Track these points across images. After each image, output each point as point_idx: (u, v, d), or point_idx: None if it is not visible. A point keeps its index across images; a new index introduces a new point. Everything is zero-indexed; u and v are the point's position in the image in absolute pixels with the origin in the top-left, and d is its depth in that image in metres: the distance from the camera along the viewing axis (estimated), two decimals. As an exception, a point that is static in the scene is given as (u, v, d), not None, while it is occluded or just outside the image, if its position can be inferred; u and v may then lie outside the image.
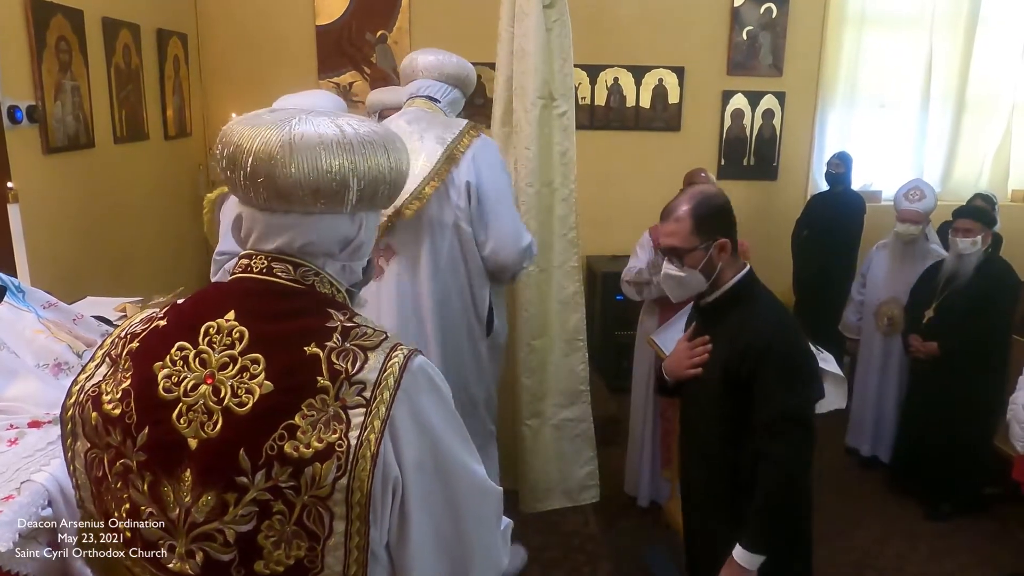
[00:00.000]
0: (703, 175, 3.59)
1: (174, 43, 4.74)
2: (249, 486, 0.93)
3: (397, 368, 0.97)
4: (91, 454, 1.02)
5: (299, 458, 0.92)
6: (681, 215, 1.93)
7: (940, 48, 5.50)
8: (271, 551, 0.94)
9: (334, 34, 5.21)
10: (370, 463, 0.93)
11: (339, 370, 0.96)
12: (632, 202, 5.21)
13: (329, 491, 0.93)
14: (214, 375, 0.97)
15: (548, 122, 3.03)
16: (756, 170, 5.60)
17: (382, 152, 1.02)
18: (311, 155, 0.96)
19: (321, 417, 0.94)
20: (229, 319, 0.99)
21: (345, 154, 0.98)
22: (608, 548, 3.34)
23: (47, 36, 3.34)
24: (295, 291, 1.03)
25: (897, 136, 5.66)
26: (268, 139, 0.96)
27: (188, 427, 0.96)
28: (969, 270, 3.65)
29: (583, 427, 3.26)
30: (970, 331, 3.62)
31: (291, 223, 1.02)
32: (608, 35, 5.27)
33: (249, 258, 1.05)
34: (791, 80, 5.50)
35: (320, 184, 0.97)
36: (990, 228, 3.67)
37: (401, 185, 1.07)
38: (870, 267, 4.29)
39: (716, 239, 1.92)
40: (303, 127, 0.98)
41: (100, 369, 1.04)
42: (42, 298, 1.89)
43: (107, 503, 1.02)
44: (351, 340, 0.99)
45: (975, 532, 3.61)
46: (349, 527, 0.94)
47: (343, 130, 1.00)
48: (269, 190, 0.98)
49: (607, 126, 5.46)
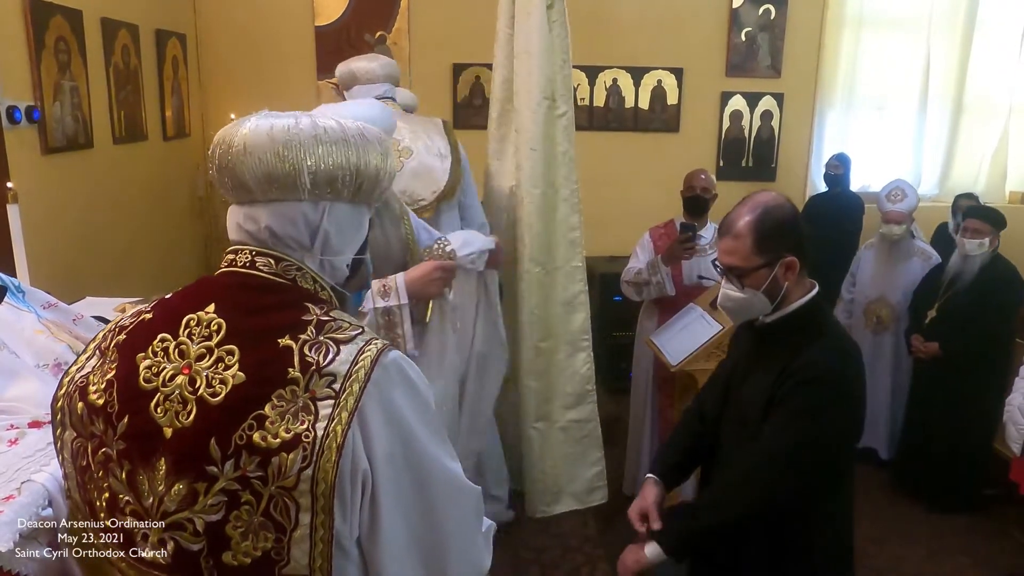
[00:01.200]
0: (702, 176, 3.59)
1: (173, 44, 4.74)
2: (219, 475, 0.94)
3: (368, 361, 0.99)
4: (76, 443, 1.05)
5: (266, 448, 0.94)
6: (741, 230, 1.70)
7: (938, 50, 5.52)
8: (239, 542, 0.95)
9: (333, 35, 5.22)
10: (335, 454, 0.94)
11: (310, 362, 0.97)
12: (631, 203, 5.22)
13: (295, 482, 0.94)
14: (191, 366, 0.99)
15: (551, 123, 3.03)
16: (754, 171, 5.61)
17: (339, 142, 1.05)
18: (260, 144, 1.02)
19: (290, 408, 0.95)
20: (209, 311, 1.02)
21: (293, 142, 1.02)
22: (607, 549, 3.34)
23: (46, 37, 3.34)
24: (275, 285, 1.05)
25: (895, 137, 5.68)
26: (231, 133, 1.03)
27: (164, 416, 0.98)
28: (974, 271, 3.65)
29: (590, 427, 3.25)
30: (973, 332, 3.63)
31: (255, 212, 1.06)
32: (607, 36, 5.27)
33: (235, 253, 1.08)
34: (789, 81, 5.51)
35: (271, 170, 1.02)
36: (999, 231, 3.67)
37: (372, 177, 1.09)
38: (859, 266, 4.32)
39: (782, 257, 1.69)
40: (260, 121, 1.04)
41: (90, 361, 1.07)
42: (42, 298, 1.89)
43: (90, 492, 1.04)
44: (325, 333, 1.01)
45: (973, 533, 3.61)
46: (314, 519, 0.95)
47: (298, 121, 1.04)
48: (233, 180, 1.04)
49: (606, 127, 5.47)
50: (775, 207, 1.72)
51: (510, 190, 3.18)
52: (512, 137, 3.13)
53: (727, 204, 4.28)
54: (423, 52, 5.27)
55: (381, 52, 5.24)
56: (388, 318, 2.01)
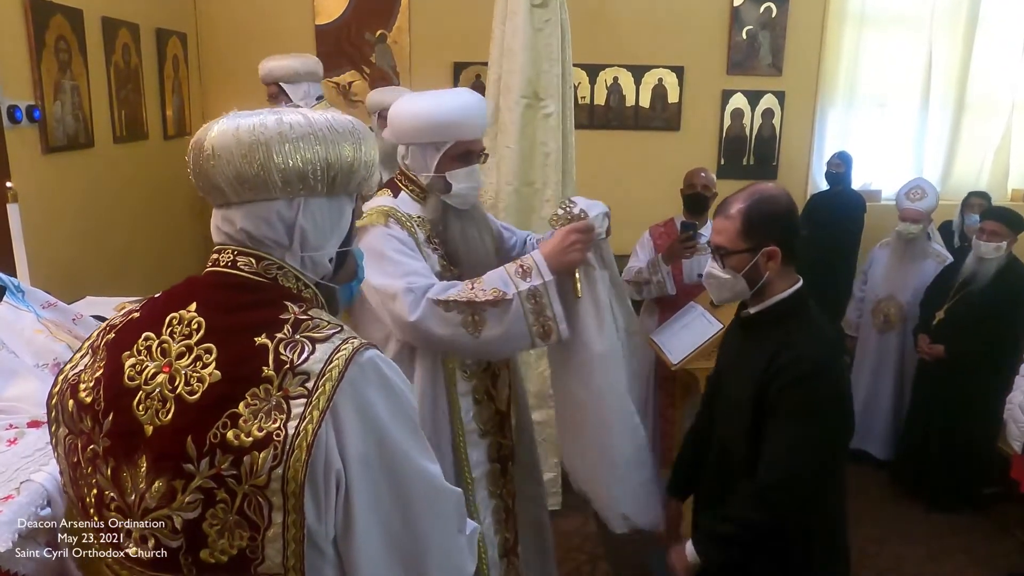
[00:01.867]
0: (703, 174, 3.59)
1: (173, 43, 4.74)
2: (195, 473, 0.95)
3: (343, 360, 0.99)
4: (69, 440, 1.06)
5: (239, 446, 0.94)
6: (732, 213, 1.77)
7: (940, 48, 5.50)
8: (215, 540, 0.96)
9: (333, 34, 5.21)
10: (305, 453, 0.94)
11: (284, 360, 0.97)
12: (631, 202, 5.19)
13: (266, 480, 0.94)
14: (171, 364, 1.00)
15: (532, 122, 3.02)
16: (756, 170, 5.60)
17: (307, 138, 1.04)
18: (226, 147, 1.01)
19: (264, 406, 0.95)
20: (191, 310, 1.03)
21: (258, 142, 1.01)
22: (607, 548, 3.34)
23: (46, 36, 3.34)
24: (255, 284, 1.06)
25: (897, 136, 5.66)
26: (201, 137, 1.03)
27: (145, 414, 0.98)
28: (988, 274, 3.59)
29: (548, 432, 3.23)
30: (980, 335, 3.59)
31: (231, 214, 1.06)
32: (607, 35, 5.27)
33: (218, 252, 1.08)
34: (791, 80, 5.49)
35: (240, 172, 1.02)
36: (1016, 233, 3.61)
37: (346, 170, 1.08)
38: (871, 265, 4.31)
39: (765, 245, 1.75)
40: (226, 123, 1.03)
41: (84, 359, 1.09)
42: (41, 298, 1.89)
43: (80, 488, 1.05)
44: (301, 332, 1.01)
45: (974, 532, 3.61)
46: (286, 518, 0.95)
47: (264, 120, 1.03)
48: (205, 184, 1.05)
49: (607, 125, 5.46)
50: (769, 198, 1.78)
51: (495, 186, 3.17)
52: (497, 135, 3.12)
53: (728, 203, 4.22)
54: (423, 51, 5.26)
55: (381, 51, 5.26)
56: (535, 301, 1.79)
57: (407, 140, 1.98)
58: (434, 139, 1.92)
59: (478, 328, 1.78)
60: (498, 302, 1.77)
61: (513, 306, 1.78)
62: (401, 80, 5.23)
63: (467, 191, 1.98)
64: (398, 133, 1.98)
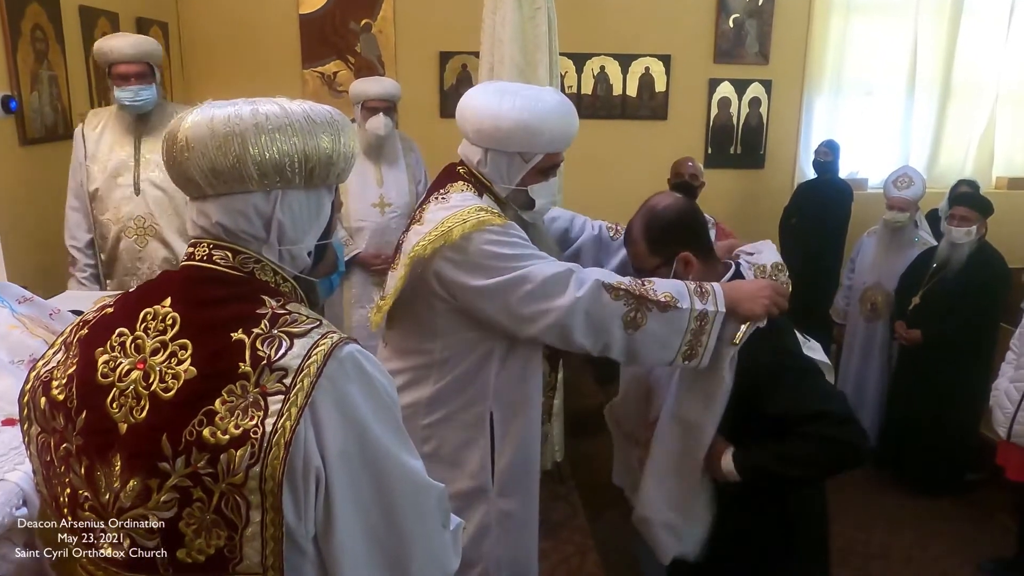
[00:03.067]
0: (690, 164, 3.58)
1: (155, 32, 4.66)
2: (171, 472, 0.93)
3: (321, 355, 0.96)
4: (41, 438, 1.04)
5: (216, 444, 0.92)
6: (635, 237, 1.83)
7: (925, 35, 5.51)
8: (192, 539, 0.94)
9: (318, 23, 5.15)
10: (283, 451, 0.92)
11: (261, 356, 0.95)
12: (619, 191, 5.16)
13: (243, 479, 0.92)
14: (146, 360, 0.97)
15: None
16: (743, 158, 5.60)
17: (283, 129, 1.01)
18: (200, 138, 0.99)
19: (240, 403, 0.93)
20: (165, 305, 1.01)
21: (233, 133, 0.99)
22: (596, 539, 3.34)
23: (21, 25, 3.28)
24: (231, 278, 1.03)
25: (883, 123, 5.67)
26: (175, 128, 1.01)
27: (119, 412, 0.96)
28: (961, 259, 3.65)
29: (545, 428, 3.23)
30: (955, 319, 3.63)
31: (206, 207, 1.03)
32: (594, 23, 5.23)
33: (193, 246, 1.06)
34: (778, 68, 5.48)
35: (214, 164, 0.99)
36: (986, 217, 3.67)
37: (324, 161, 1.05)
38: (859, 253, 4.32)
39: (676, 253, 1.79)
40: (199, 115, 1.01)
41: (56, 356, 1.06)
42: (17, 292, 1.85)
43: (54, 487, 1.04)
44: (279, 327, 0.98)
45: (959, 517, 3.63)
46: (264, 517, 0.94)
47: (238, 110, 1.01)
48: (179, 177, 1.02)
49: (593, 115, 5.43)
50: (662, 209, 1.81)
51: None
52: None
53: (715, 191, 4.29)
54: (409, 40, 5.21)
55: (366, 41, 5.21)
56: (700, 323, 1.70)
57: (491, 145, 1.77)
58: (525, 149, 1.76)
59: (636, 325, 1.69)
60: (668, 307, 1.68)
61: (681, 317, 1.69)
62: (386, 70, 5.18)
63: (545, 207, 1.90)
64: (479, 136, 1.77)
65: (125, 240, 3.03)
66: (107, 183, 3.01)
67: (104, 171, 2.99)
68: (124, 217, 3.02)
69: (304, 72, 5.19)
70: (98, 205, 3.02)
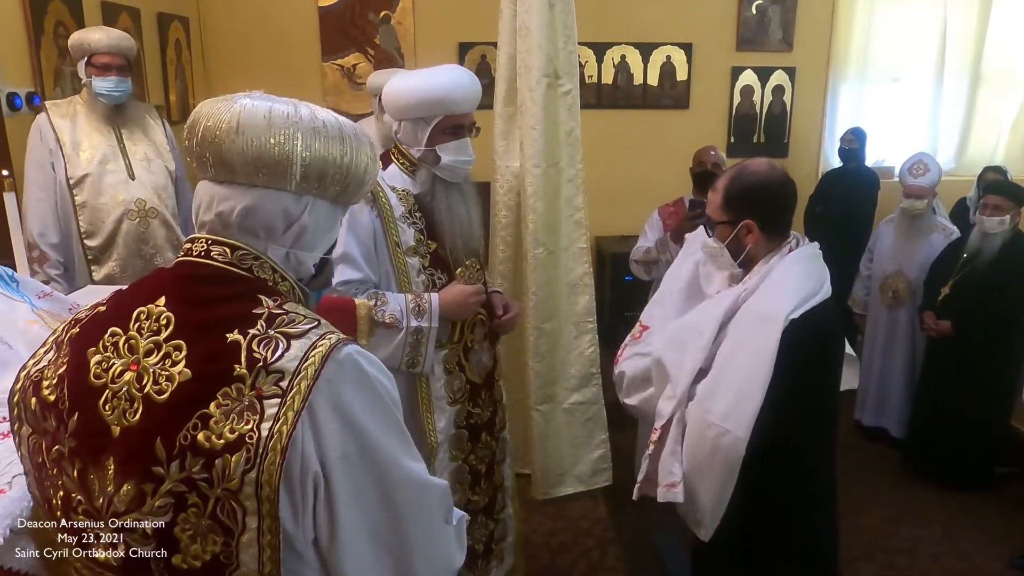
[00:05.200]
0: (712, 153, 3.52)
1: (175, 27, 4.69)
2: (165, 476, 0.91)
3: (319, 357, 0.94)
4: (32, 439, 1.02)
5: (210, 449, 0.90)
6: (718, 186, 1.86)
7: (955, 19, 5.38)
8: (188, 545, 0.92)
9: (337, 15, 5.15)
10: (280, 456, 0.90)
11: (257, 358, 0.93)
12: (640, 181, 5.14)
13: (239, 484, 0.90)
14: (139, 361, 0.95)
15: (553, 101, 2.98)
16: (766, 147, 5.51)
17: (335, 138, 1.02)
18: (256, 125, 0.97)
19: (236, 407, 0.91)
20: (159, 304, 0.98)
21: (291, 128, 0.98)
22: (617, 532, 3.32)
23: (45, 22, 3.31)
24: (228, 276, 1.01)
25: (911, 111, 5.56)
26: (221, 109, 0.99)
27: (112, 414, 0.95)
28: (994, 249, 3.56)
29: (594, 410, 3.24)
30: (987, 311, 3.55)
31: (233, 193, 1.01)
32: (614, 12, 5.18)
33: (192, 242, 1.04)
34: (802, 55, 5.39)
35: (262, 154, 0.98)
36: (1020, 206, 3.57)
37: (357, 179, 1.06)
38: (877, 241, 4.26)
39: (742, 219, 1.81)
40: (257, 102, 0.99)
41: (47, 355, 1.04)
42: (37, 288, 1.87)
43: (47, 489, 1.02)
44: (276, 327, 0.96)
45: (988, 512, 3.56)
46: (261, 523, 0.92)
47: (297, 109, 1.00)
48: (215, 157, 0.99)
49: (614, 104, 5.38)
50: (751, 173, 1.83)
51: (517, 170, 3.14)
52: (518, 116, 3.08)
53: (737, 181, 4.15)
54: (428, 31, 5.19)
55: (385, 32, 5.19)
56: (416, 337, 2.04)
57: (399, 116, 2.08)
58: (424, 114, 2.03)
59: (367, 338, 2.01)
60: (391, 327, 2.00)
61: (399, 336, 2.01)
62: (406, 61, 5.17)
63: (456, 163, 2.08)
64: (391, 109, 2.09)
65: (128, 223, 3.03)
66: (97, 169, 2.97)
67: (92, 159, 2.96)
68: (125, 200, 3.02)
69: (324, 64, 5.20)
70: (90, 190, 2.96)
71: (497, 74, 3.23)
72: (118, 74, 2.95)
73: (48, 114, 2.95)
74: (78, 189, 2.96)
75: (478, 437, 2.26)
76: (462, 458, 2.24)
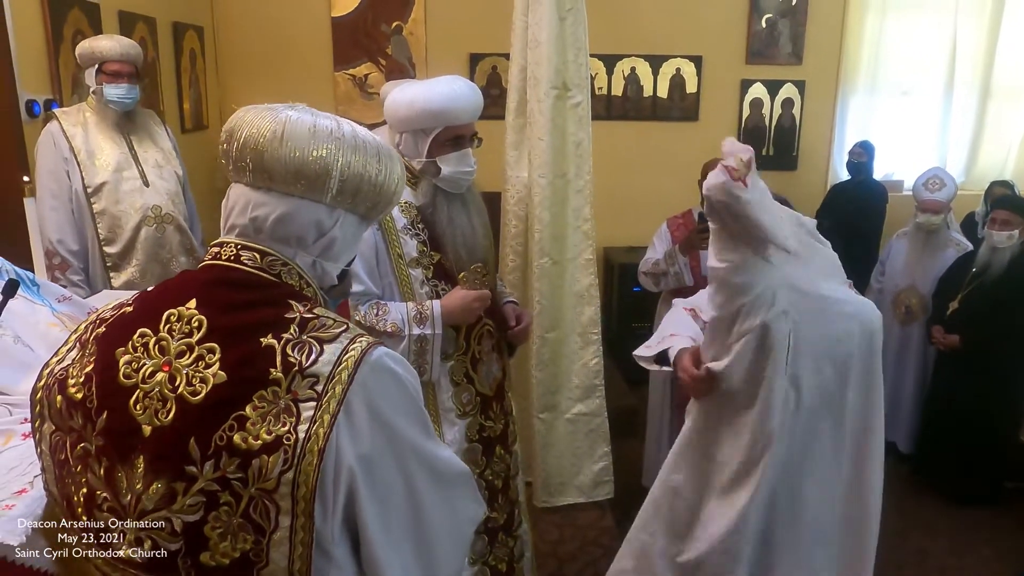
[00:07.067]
0: (721, 165, 3.54)
1: (190, 36, 4.75)
2: (198, 476, 0.93)
3: (352, 362, 0.97)
4: (55, 436, 1.04)
5: (247, 450, 0.92)
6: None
7: (965, 33, 5.39)
8: (217, 543, 0.94)
9: (349, 26, 5.20)
10: (317, 458, 0.92)
11: (292, 362, 0.96)
12: (649, 193, 5.16)
13: (275, 485, 0.93)
14: (171, 363, 0.97)
15: (562, 112, 3.01)
16: (776, 160, 5.53)
17: (373, 155, 1.05)
18: (300, 137, 1.00)
19: (272, 409, 0.94)
20: (190, 307, 1.00)
21: (334, 143, 1.01)
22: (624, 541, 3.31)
23: (64, 30, 3.36)
24: (259, 281, 1.03)
25: (920, 124, 5.56)
26: (264, 118, 1.02)
27: (143, 414, 0.96)
28: (1003, 263, 3.56)
29: (597, 422, 3.24)
30: (996, 325, 3.55)
31: (270, 199, 1.04)
32: (625, 24, 5.21)
33: (220, 246, 1.06)
34: (811, 68, 5.41)
35: (303, 165, 1.01)
36: None
37: (387, 198, 1.10)
38: (889, 255, 4.25)
39: None
40: (302, 115, 1.03)
41: (71, 353, 1.06)
42: (57, 292, 1.90)
43: (68, 486, 1.03)
44: (308, 332, 0.99)
45: (997, 526, 3.55)
46: (294, 522, 0.94)
47: (340, 125, 1.03)
48: (256, 163, 1.02)
49: (624, 116, 5.41)
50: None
51: (527, 180, 3.16)
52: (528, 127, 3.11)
53: (746, 193, 4.14)
54: (439, 42, 5.24)
55: (397, 43, 5.24)
56: (420, 345, 2.02)
57: (400, 128, 2.10)
58: (424, 125, 2.04)
59: None
60: (393, 336, 1.97)
61: (402, 344, 1.99)
62: (418, 72, 5.21)
63: (457, 175, 2.08)
64: (393, 121, 2.10)
65: (146, 229, 3.08)
66: (114, 177, 3.01)
67: (107, 166, 3.00)
68: (142, 207, 3.07)
69: (336, 74, 5.25)
70: (108, 197, 3.00)
71: (509, 85, 3.26)
72: (129, 81, 3.00)
73: (60, 122, 2.98)
74: (96, 197, 3.00)
75: (492, 451, 2.23)
76: (478, 472, 2.19)
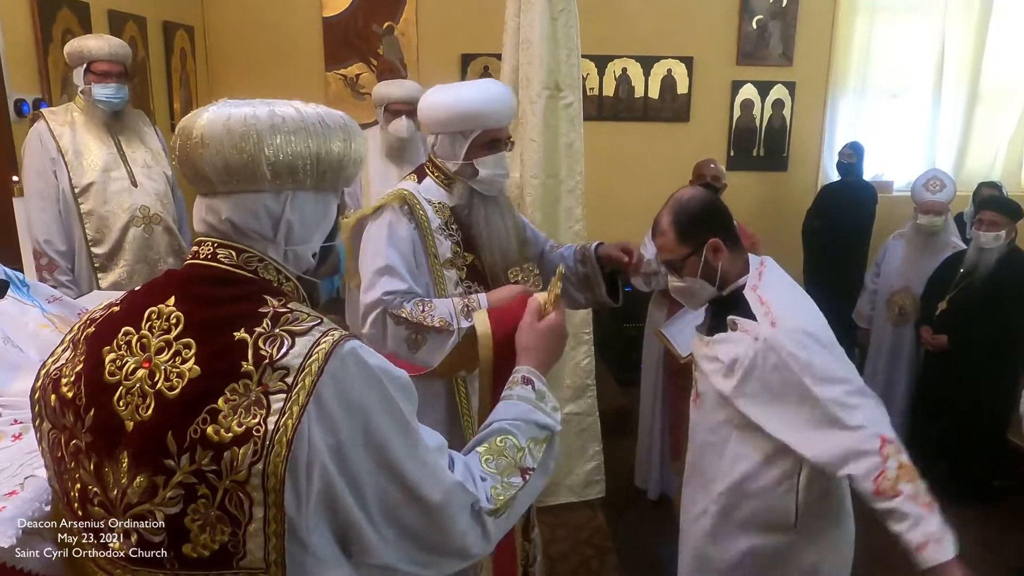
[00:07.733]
0: (712, 166, 3.56)
1: (180, 35, 4.73)
2: (176, 469, 0.95)
3: (323, 354, 0.98)
4: (52, 434, 1.06)
5: (219, 442, 0.94)
6: (664, 227, 1.90)
7: (953, 36, 5.44)
8: (197, 534, 0.96)
9: (341, 26, 5.20)
10: (285, 448, 0.93)
11: (264, 355, 0.97)
12: (640, 193, 5.15)
13: (246, 476, 0.94)
14: (151, 359, 0.99)
15: (555, 113, 3.01)
16: (766, 161, 5.56)
17: (299, 132, 1.03)
18: (216, 135, 1.00)
19: (243, 402, 0.95)
20: (169, 304, 1.02)
21: (249, 132, 1.00)
22: (616, 541, 3.32)
23: (53, 29, 3.34)
24: (235, 277, 1.05)
25: (909, 126, 5.60)
26: (190, 123, 1.02)
27: (126, 410, 0.98)
28: (990, 264, 3.59)
29: (589, 421, 3.25)
30: (984, 325, 3.57)
31: (216, 204, 1.05)
32: (616, 25, 5.23)
33: (199, 245, 1.07)
34: (801, 70, 5.44)
35: (228, 162, 1.01)
36: (1015, 221, 3.61)
37: (336, 167, 1.08)
38: (885, 256, 4.25)
39: (705, 241, 1.86)
40: (219, 110, 1.02)
41: (65, 353, 1.09)
42: (47, 292, 1.88)
43: (65, 482, 1.06)
44: (281, 326, 1.00)
45: (986, 525, 3.57)
46: (267, 513, 0.95)
47: (256, 111, 1.02)
48: (192, 171, 1.03)
49: (615, 117, 5.43)
50: (688, 200, 1.91)
51: (519, 180, 3.17)
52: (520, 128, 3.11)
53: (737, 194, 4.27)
54: (431, 42, 5.24)
55: (388, 43, 5.24)
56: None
57: (437, 129, 2.10)
58: (462, 128, 2.05)
59: (418, 346, 2.00)
60: (442, 331, 1.97)
61: (452, 339, 1.97)
62: (409, 72, 5.21)
63: (494, 177, 2.10)
64: (428, 123, 2.12)
65: (134, 229, 3.07)
66: (102, 177, 3.00)
67: (95, 166, 2.99)
68: (130, 207, 3.05)
69: (327, 74, 5.24)
70: (96, 197, 2.99)
71: (502, 86, 3.26)
72: (117, 81, 2.98)
73: (47, 122, 2.96)
74: (83, 197, 2.98)
75: None
76: None
